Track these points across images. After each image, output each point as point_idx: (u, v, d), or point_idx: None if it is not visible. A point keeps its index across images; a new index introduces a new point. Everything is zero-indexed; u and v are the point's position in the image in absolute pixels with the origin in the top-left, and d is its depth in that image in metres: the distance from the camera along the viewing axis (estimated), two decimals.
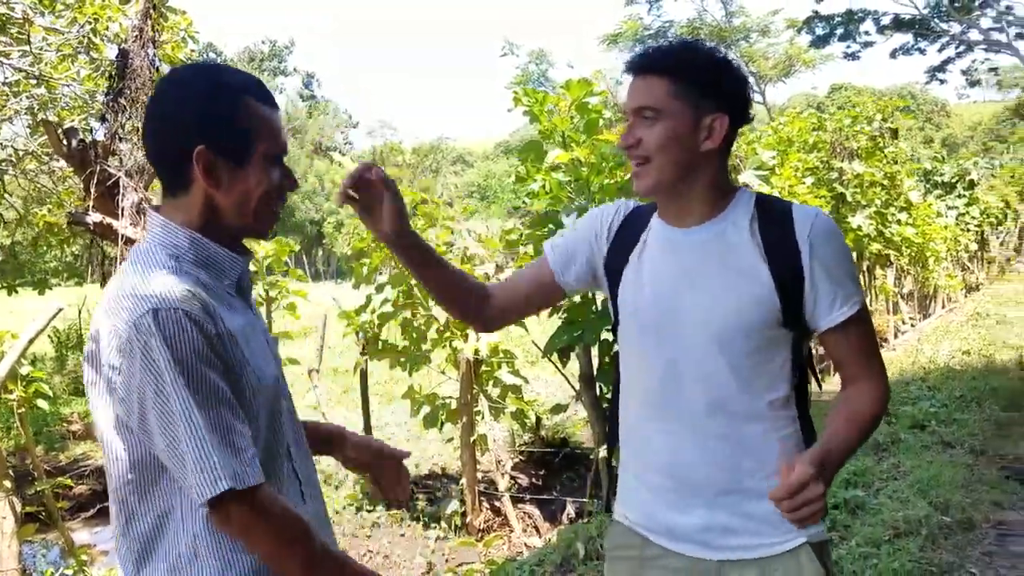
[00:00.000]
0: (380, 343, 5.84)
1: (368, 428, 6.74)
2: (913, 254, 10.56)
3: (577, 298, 5.16)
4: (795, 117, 9.17)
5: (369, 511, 5.71)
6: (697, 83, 1.44)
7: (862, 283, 9.10)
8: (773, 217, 1.47)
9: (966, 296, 14.80)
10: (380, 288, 5.58)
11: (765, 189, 6.15)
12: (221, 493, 1.10)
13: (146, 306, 1.13)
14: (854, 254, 7.84)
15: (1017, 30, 42.00)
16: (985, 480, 4.59)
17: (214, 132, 1.23)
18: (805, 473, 1.26)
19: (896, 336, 10.53)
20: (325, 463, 5.67)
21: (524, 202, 9.15)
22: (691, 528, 1.50)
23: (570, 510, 5.29)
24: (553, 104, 5.01)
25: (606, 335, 5.24)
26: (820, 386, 1.65)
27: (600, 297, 4.74)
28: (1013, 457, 5.08)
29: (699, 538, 1.49)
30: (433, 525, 5.56)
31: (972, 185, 16.28)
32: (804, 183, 6.95)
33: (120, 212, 4.79)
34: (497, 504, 5.82)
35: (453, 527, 5.50)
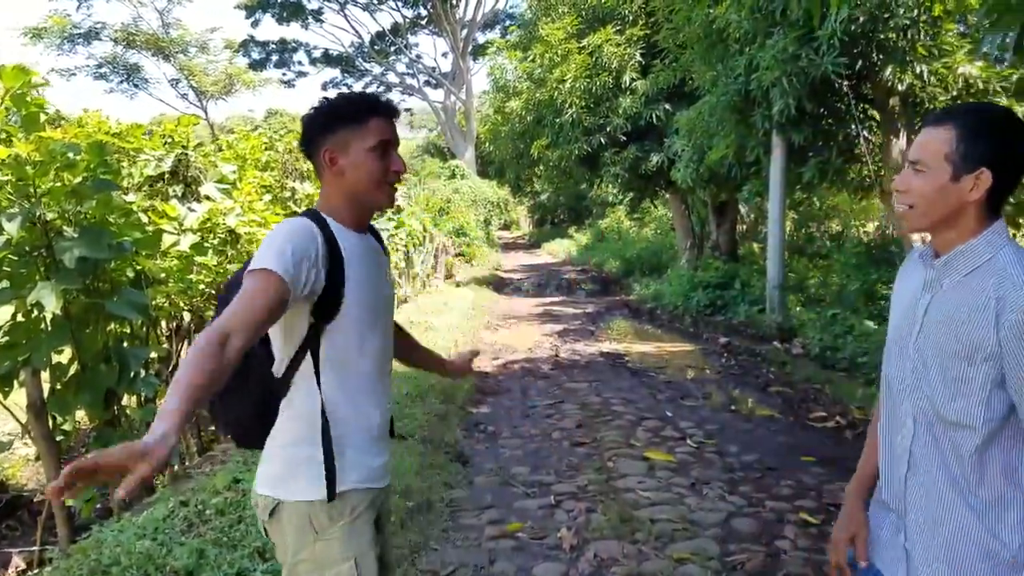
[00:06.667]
0: None
1: None
2: None
3: (20, 316, 4.47)
4: (247, 135, 9.30)
5: None
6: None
7: None
8: None
9: (398, 307, 16.62)
10: None
11: (228, 203, 6.12)
12: None
13: None
14: None
15: (426, 78, 48.92)
16: (435, 464, 5.24)
17: None
18: None
19: None
20: None
21: None
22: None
23: (19, 562, 4.52)
24: None
25: (58, 357, 4.63)
26: None
27: (45, 312, 4.19)
28: (449, 442, 5.93)
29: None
30: None
31: (400, 211, 18.34)
32: (263, 200, 7.12)
33: None
34: None
35: None
